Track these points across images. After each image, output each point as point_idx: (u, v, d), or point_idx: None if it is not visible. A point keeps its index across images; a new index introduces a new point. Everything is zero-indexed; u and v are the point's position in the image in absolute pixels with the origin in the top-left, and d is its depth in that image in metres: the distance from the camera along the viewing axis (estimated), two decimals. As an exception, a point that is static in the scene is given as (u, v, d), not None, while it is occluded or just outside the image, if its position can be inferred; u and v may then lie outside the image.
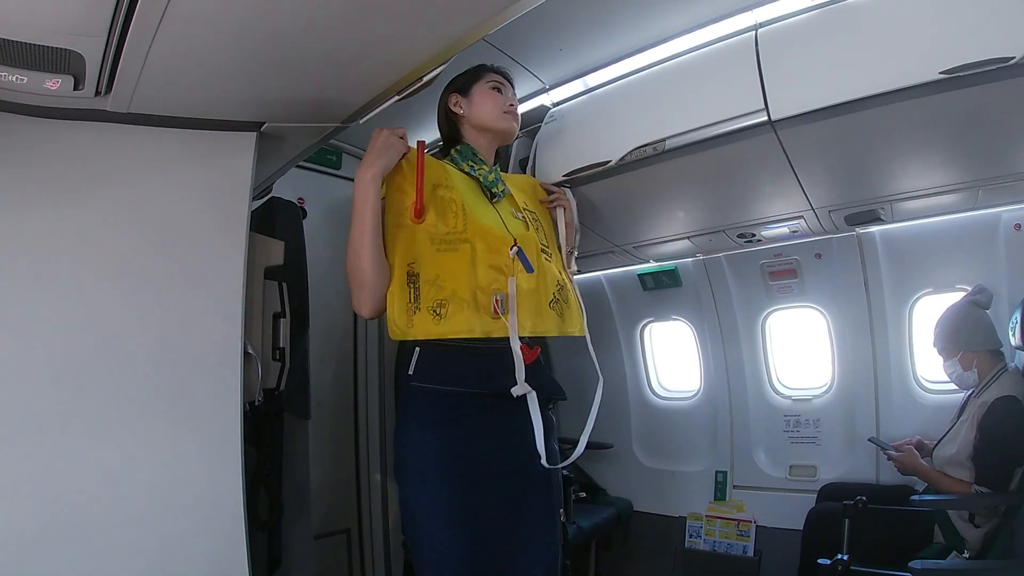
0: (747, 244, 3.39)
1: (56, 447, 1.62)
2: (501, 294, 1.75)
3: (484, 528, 1.68)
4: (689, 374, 4.14)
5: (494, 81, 2.02)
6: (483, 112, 1.99)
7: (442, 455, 1.70)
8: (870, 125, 2.13)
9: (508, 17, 1.41)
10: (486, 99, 2.00)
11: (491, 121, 1.99)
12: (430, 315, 1.71)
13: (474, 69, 2.05)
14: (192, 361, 1.80)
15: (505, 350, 1.74)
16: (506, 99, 2.02)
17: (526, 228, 1.97)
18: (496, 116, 1.99)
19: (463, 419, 1.73)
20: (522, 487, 1.77)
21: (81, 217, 1.71)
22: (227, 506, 1.78)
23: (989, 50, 1.82)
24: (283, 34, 1.41)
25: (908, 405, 3.22)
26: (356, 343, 3.43)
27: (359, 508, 3.33)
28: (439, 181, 1.83)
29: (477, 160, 1.97)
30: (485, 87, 2.01)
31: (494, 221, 1.89)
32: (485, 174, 1.96)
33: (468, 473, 1.70)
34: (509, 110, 2.02)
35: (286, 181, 2.56)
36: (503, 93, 2.02)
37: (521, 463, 1.77)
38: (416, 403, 1.77)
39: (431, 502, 1.68)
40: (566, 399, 1.93)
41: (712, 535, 3.71)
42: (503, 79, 2.05)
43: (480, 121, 2.00)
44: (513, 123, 2.03)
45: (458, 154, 1.99)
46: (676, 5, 2.31)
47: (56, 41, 1.34)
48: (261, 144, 1.91)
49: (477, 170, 1.96)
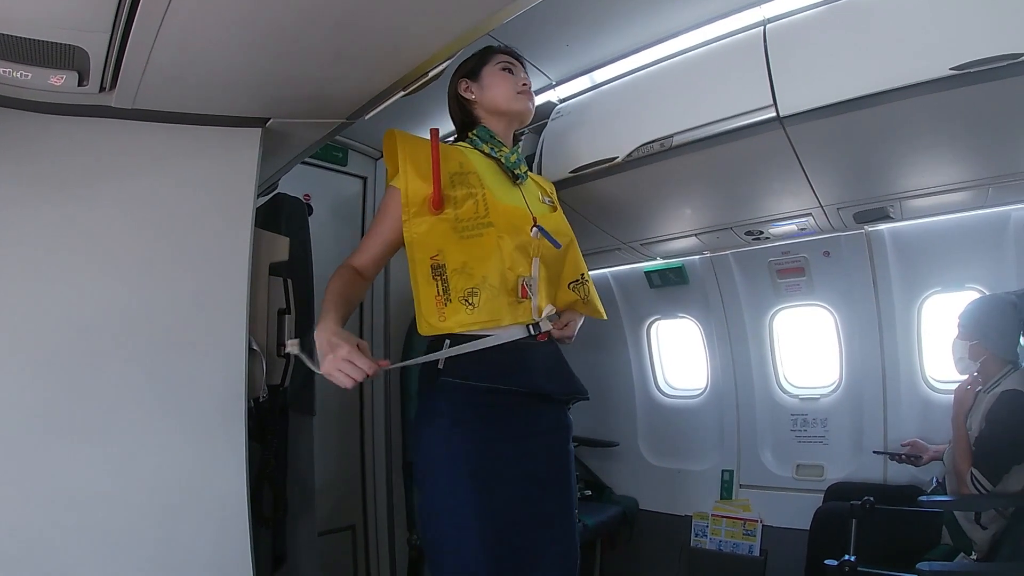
0: (755, 241, 3.38)
1: (61, 444, 1.62)
2: (526, 278, 1.72)
3: (509, 530, 1.64)
4: (696, 372, 4.13)
5: (504, 62, 1.95)
6: (496, 95, 1.91)
7: (474, 455, 1.65)
8: (879, 121, 2.12)
9: (514, 12, 1.41)
10: (498, 81, 1.92)
11: (505, 103, 1.91)
12: (462, 305, 1.65)
13: (481, 52, 1.98)
14: (197, 357, 1.79)
15: (532, 346, 1.73)
16: (518, 79, 1.94)
17: (551, 211, 1.95)
18: (510, 97, 1.91)
19: (493, 418, 1.69)
20: (544, 488, 1.73)
21: (85, 214, 1.71)
22: (231, 503, 1.78)
23: (1000, 46, 1.81)
24: (288, 29, 1.40)
25: (916, 404, 3.20)
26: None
27: (364, 505, 3.32)
28: (456, 168, 1.76)
29: (496, 142, 1.90)
30: (495, 69, 1.93)
31: (518, 201, 1.84)
32: (507, 155, 1.89)
33: (498, 474, 1.66)
34: (523, 90, 1.93)
35: (292, 177, 2.56)
36: (515, 73, 1.95)
37: (546, 464, 1.75)
38: (446, 398, 1.70)
39: (460, 504, 1.63)
40: (588, 399, 1.88)
41: (718, 534, 3.70)
42: (513, 59, 1.98)
43: (494, 104, 1.92)
44: (528, 103, 1.94)
45: (476, 136, 1.91)
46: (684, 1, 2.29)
47: (60, 37, 1.34)
48: (266, 140, 1.91)
49: (498, 152, 1.89)
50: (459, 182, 1.73)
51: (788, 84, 2.16)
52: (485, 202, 1.72)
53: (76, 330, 1.68)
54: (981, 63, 1.83)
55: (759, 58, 2.20)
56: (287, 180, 2.57)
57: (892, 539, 2.68)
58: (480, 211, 1.71)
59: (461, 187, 1.72)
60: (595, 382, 4.32)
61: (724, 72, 2.32)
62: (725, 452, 3.83)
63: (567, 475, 1.80)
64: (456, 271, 1.66)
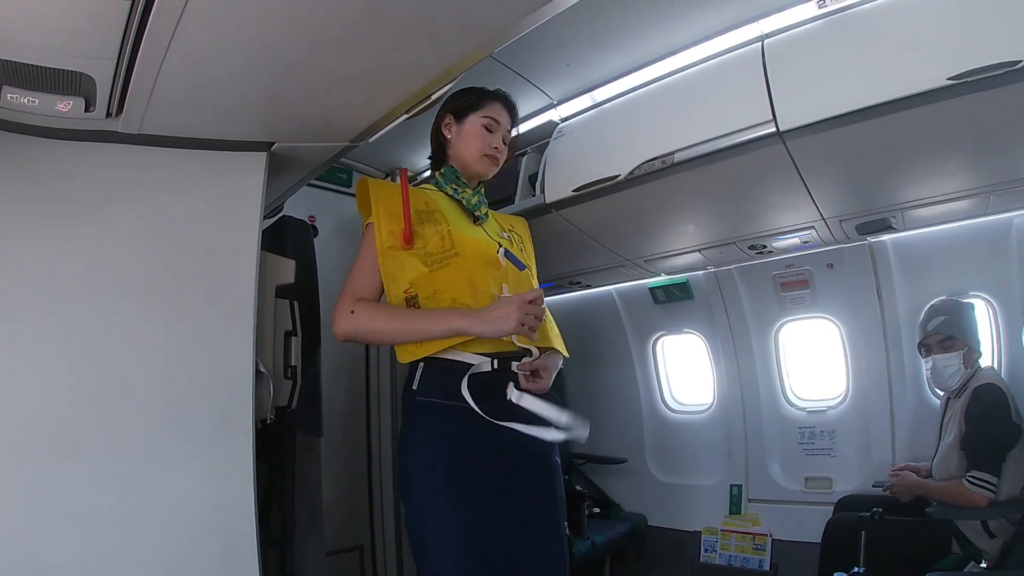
0: (758, 256, 3.38)
1: (68, 464, 1.63)
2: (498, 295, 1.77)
3: (491, 546, 1.65)
4: (702, 387, 4.12)
5: (489, 118, 1.94)
6: (465, 150, 1.94)
7: (449, 469, 1.67)
8: (879, 133, 2.13)
9: (514, 35, 1.43)
10: (472, 137, 1.93)
11: (470, 161, 1.94)
12: None
13: (478, 96, 1.97)
14: (204, 379, 1.81)
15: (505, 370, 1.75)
16: (495, 139, 1.95)
17: (511, 244, 1.98)
18: (475, 158, 1.93)
19: (469, 434, 1.70)
20: (529, 503, 1.74)
21: (93, 238, 1.73)
22: (239, 523, 1.78)
23: (997, 54, 1.82)
24: (291, 55, 1.43)
25: (924, 414, 3.18)
26: (368, 360, 3.45)
27: (372, 525, 3.32)
28: (423, 207, 1.82)
29: (460, 183, 1.95)
30: (477, 122, 1.94)
31: (480, 235, 1.90)
32: (468, 197, 1.94)
33: (475, 488, 1.67)
34: (492, 153, 1.94)
35: (297, 199, 2.58)
36: (493, 133, 1.95)
37: (527, 479, 1.76)
38: (421, 417, 1.75)
39: (438, 516, 1.65)
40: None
41: (728, 549, 3.67)
42: (502, 113, 1.98)
43: (460, 156, 1.95)
44: (491, 168, 1.96)
45: (442, 177, 1.96)
46: (682, 18, 2.32)
47: (67, 64, 1.36)
48: (272, 163, 1.93)
49: (460, 193, 1.94)
50: (426, 219, 1.80)
51: (787, 99, 2.17)
52: (451, 236, 1.79)
53: (83, 352, 1.69)
54: (978, 72, 1.84)
55: (758, 73, 2.21)
56: (292, 202, 2.59)
57: (902, 550, 2.66)
58: (447, 245, 1.77)
59: (429, 224, 1.79)
60: (602, 399, 4.35)
61: (723, 88, 2.33)
62: (733, 467, 3.82)
63: (551, 490, 1.81)
64: (428, 298, 1.73)
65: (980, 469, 2.46)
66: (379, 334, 1.74)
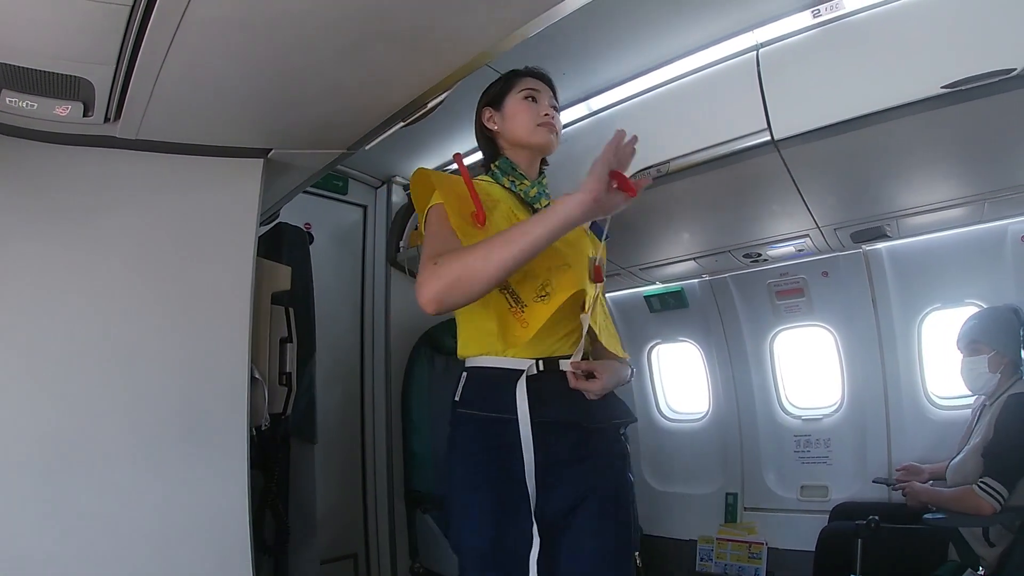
0: (753, 264, 3.40)
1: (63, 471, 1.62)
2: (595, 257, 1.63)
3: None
4: (697, 395, 4.12)
5: (527, 89, 1.78)
6: (516, 127, 1.77)
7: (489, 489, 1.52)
8: (873, 142, 2.14)
9: (511, 44, 1.43)
10: (518, 112, 1.77)
11: (524, 137, 1.76)
12: (539, 304, 1.53)
13: (507, 76, 1.83)
14: (199, 386, 1.80)
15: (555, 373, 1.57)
16: (541, 107, 1.78)
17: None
18: (529, 131, 1.75)
19: (515, 448, 1.49)
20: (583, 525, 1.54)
21: (89, 242, 1.73)
22: (233, 530, 1.78)
23: (990, 63, 1.83)
24: (289, 63, 1.43)
25: (919, 421, 3.19)
26: (363, 368, 3.44)
27: (366, 533, 3.31)
28: (484, 197, 1.64)
29: (517, 174, 1.77)
30: (518, 98, 1.78)
31: None
32: (526, 189, 1.76)
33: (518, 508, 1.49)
34: (544, 121, 1.76)
35: (293, 206, 2.57)
36: (538, 101, 1.78)
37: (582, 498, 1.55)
38: (462, 431, 1.60)
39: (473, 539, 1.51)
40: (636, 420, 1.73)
41: (723, 558, 3.67)
42: (538, 83, 1.82)
43: (514, 137, 1.77)
44: (550, 135, 1.77)
45: (498, 169, 1.79)
46: (678, 27, 2.32)
47: (66, 68, 1.36)
48: (268, 170, 1.93)
49: (518, 186, 1.76)
50: (491, 207, 1.63)
51: (782, 107, 2.18)
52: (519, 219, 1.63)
53: (79, 357, 1.69)
54: (972, 80, 1.86)
55: (753, 82, 2.22)
56: (288, 209, 2.58)
57: (898, 558, 2.66)
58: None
59: (493, 211, 1.63)
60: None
61: (719, 97, 2.34)
62: (729, 475, 3.82)
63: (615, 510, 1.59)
64: (518, 281, 1.55)
65: (994, 478, 2.45)
66: (474, 271, 1.41)
